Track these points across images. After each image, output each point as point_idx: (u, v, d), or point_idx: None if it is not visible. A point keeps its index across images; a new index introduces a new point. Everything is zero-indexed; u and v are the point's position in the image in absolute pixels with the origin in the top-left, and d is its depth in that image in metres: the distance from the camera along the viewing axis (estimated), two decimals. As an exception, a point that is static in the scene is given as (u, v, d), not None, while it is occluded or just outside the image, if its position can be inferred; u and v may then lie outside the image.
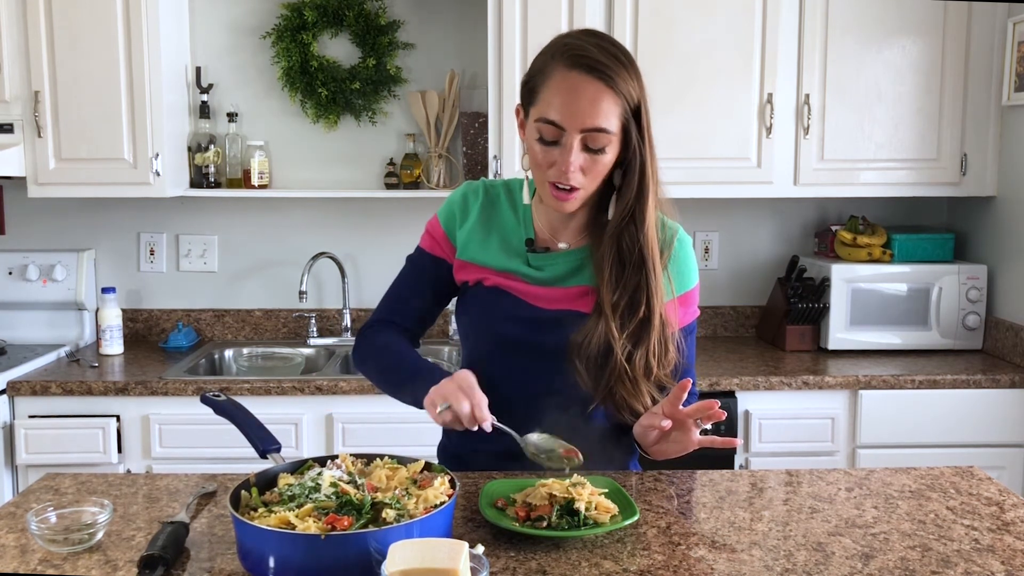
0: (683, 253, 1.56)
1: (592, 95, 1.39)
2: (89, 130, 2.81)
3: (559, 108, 1.39)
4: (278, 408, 2.65)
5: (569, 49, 1.41)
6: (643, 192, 1.47)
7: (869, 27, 2.85)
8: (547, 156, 1.42)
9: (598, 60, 1.39)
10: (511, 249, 1.55)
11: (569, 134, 1.39)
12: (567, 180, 1.41)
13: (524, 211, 1.57)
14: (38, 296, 3.08)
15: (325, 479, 1.21)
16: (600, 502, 1.31)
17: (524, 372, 1.53)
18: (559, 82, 1.40)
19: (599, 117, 1.39)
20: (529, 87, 1.46)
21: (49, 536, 1.25)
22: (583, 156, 1.41)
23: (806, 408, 2.70)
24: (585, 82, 1.38)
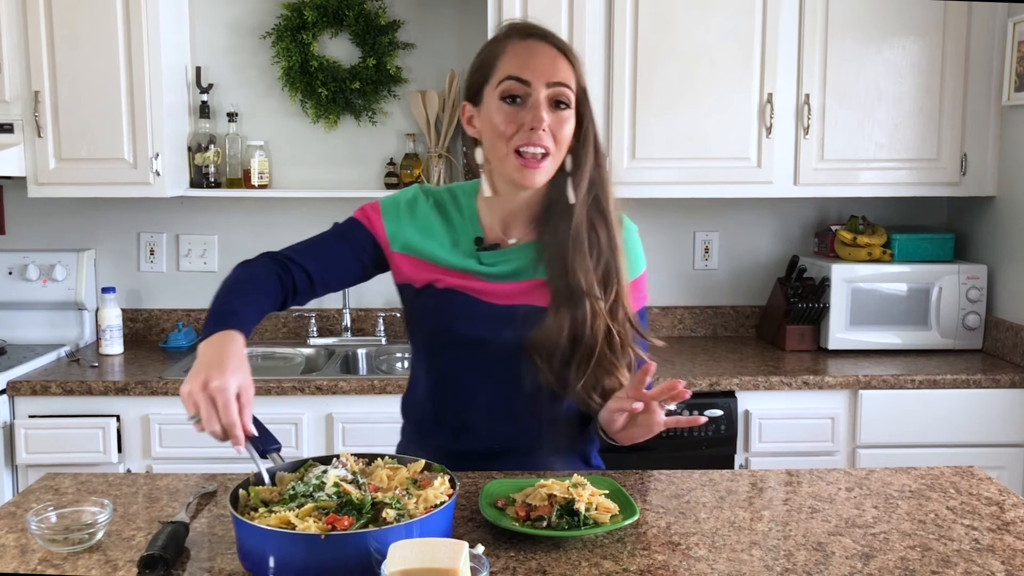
0: (630, 239, 1.57)
1: (551, 55, 1.44)
2: (89, 130, 2.81)
3: (521, 64, 1.42)
4: (278, 408, 2.65)
5: (515, 27, 1.47)
6: (600, 164, 1.51)
7: (869, 27, 2.85)
8: (514, 118, 1.41)
9: (550, 32, 1.47)
10: (461, 249, 1.54)
11: (536, 89, 1.41)
12: (538, 139, 1.41)
13: (470, 211, 1.56)
14: (38, 296, 3.08)
15: (330, 478, 1.21)
16: (600, 502, 1.31)
17: (484, 370, 1.52)
18: (516, 49, 1.44)
19: (561, 72, 1.44)
20: (481, 70, 1.46)
21: (49, 536, 1.25)
22: (550, 115, 1.42)
23: (806, 408, 2.70)
24: (543, 46, 1.45)
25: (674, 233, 3.28)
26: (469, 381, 1.54)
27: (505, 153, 1.43)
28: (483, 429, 1.55)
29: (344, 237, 1.58)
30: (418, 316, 1.57)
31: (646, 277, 1.61)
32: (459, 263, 1.53)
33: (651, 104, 2.84)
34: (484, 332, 1.51)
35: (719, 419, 2.66)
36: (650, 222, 3.27)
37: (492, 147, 1.45)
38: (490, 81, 1.44)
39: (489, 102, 1.45)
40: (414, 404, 1.65)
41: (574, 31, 2.81)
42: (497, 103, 1.43)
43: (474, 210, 1.56)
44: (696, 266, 3.29)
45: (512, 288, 1.52)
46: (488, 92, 1.45)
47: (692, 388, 2.63)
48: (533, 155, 1.42)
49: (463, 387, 1.54)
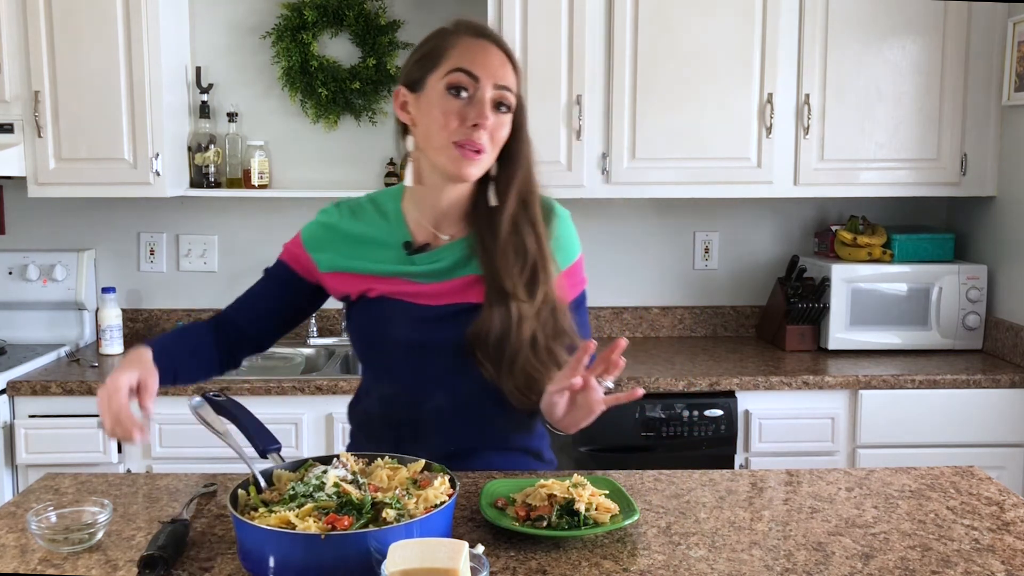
0: (563, 226, 1.56)
1: (500, 58, 1.45)
2: (89, 130, 2.81)
3: (473, 59, 1.42)
4: (278, 408, 2.65)
5: (468, 24, 1.48)
6: (530, 172, 1.50)
7: (869, 27, 2.85)
8: (457, 111, 1.41)
9: (500, 37, 1.49)
10: (389, 255, 1.53)
11: (483, 86, 1.42)
12: (478, 137, 1.41)
13: (396, 215, 1.55)
14: (38, 296, 3.08)
15: (330, 478, 1.21)
16: (600, 502, 1.31)
17: (428, 374, 1.51)
18: (469, 46, 1.44)
19: (509, 78, 1.45)
20: (426, 59, 1.45)
21: (49, 536, 1.25)
22: (492, 115, 1.42)
23: (806, 408, 2.70)
24: (492, 47, 1.46)
25: (674, 233, 3.28)
26: (414, 386, 1.53)
27: (443, 144, 1.42)
28: (433, 433, 1.53)
29: (273, 284, 1.62)
30: (355, 327, 1.57)
31: (583, 261, 1.60)
32: (389, 269, 1.52)
33: (651, 104, 2.84)
34: (421, 336, 1.50)
35: (719, 419, 2.66)
36: (650, 222, 3.27)
37: (428, 136, 1.44)
38: (437, 71, 1.43)
39: (432, 91, 1.43)
40: (363, 412, 1.64)
41: (574, 31, 2.81)
42: (442, 93, 1.42)
43: (400, 214, 1.55)
44: (696, 266, 3.29)
45: (447, 287, 1.50)
46: (433, 81, 1.44)
47: (692, 388, 2.65)
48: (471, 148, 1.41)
49: (409, 392, 1.53)
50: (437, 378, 1.51)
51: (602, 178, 2.87)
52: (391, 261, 1.52)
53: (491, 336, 1.45)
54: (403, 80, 1.49)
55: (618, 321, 3.29)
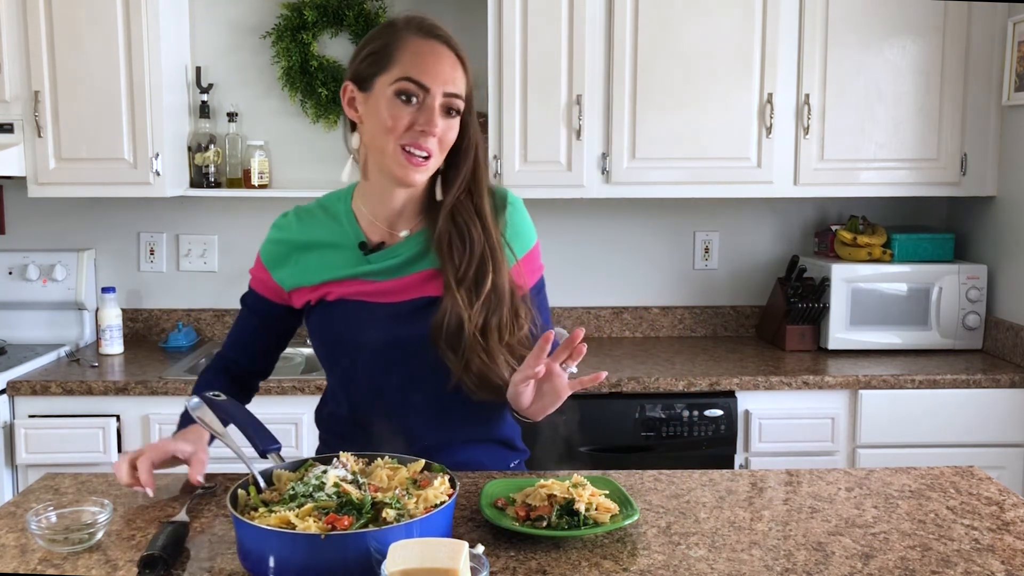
0: (516, 215, 1.56)
1: (451, 63, 1.43)
2: (89, 130, 2.81)
3: (424, 67, 1.40)
4: (278, 408, 2.65)
5: (419, 22, 1.44)
6: (478, 166, 1.50)
7: (869, 27, 2.85)
8: (405, 118, 1.40)
9: (451, 37, 1.45)
10: (344, 257, 1.52)
11: (433, 94, 1.40)
12: (425, 142, 1.40)
13: (348, 217, 1.54)
14: (38, 296, 3.08)
15: (330, 478, 1.21)
16: (601, 502, 1.31)
17: (396, 371, 1.51)
18: (419, 47, 1.41)
19: (458, 84, 1.43)
20: (376, 57, 1.43)
21: (49, 536, 1.25)
22: (442, 121, 1.42)
23: (806, 408, 2.70)
24: (444, 51, 1.43)
25: (674, 233, 3.28)
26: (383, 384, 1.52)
27: (391, 148, 1.41)
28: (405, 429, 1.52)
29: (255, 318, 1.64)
30: (315, 332, 1.57)
31: (539, 248, 1.60)
32: (345, 272, 1.51)
33: (651, 104, 2.84)
34: (385, 333, 1.49)
35: (719, 419, 2.66)
36: (650, 222, 3.27)
37: (375, 138, 1.43)
38: (386, 73, 1.41)
39: (381, 94, 1.42)
40: (331, 415, 1.64)
41: (574, 31, 2.81)
42: (390, 98, 1.40)
43: (351, 214, 1.55)
44: (696, 266, 3.29)
45: (405, 282, 1.50)
46: (381, 83, 1.42)
47: (692, 388, 2.65)
48: (418, 155, 1.41)
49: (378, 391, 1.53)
50: (407, 374, 1.51)
51: (602, 178, 2.87)
52: (346, 264, 1.51)
53: (448, 328, 1.45)
54: (351, 75, 1.47)
55: (618, 321, 3.29)
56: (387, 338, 1.49)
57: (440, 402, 1.52)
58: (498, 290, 1.47)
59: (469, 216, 1.48)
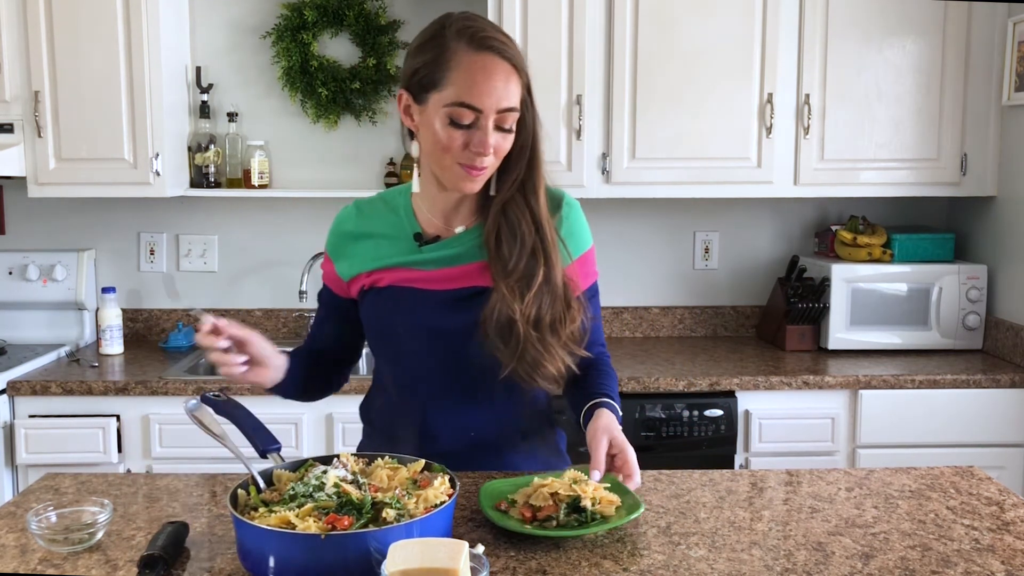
0: (573, 216, 1.57)
1: (504, 76, 1.40)
2: (89, 130, 2.81)
3: (476, 91, 1.38)
4: (278, 408, 2.62)
5: (469, 31, 1.41)
6: (534, 162, 1.50)
7: (869, 27, 2.85)
8: (460, 139, 1.40)
9: (501, 41, 1.42)
10: (398, 247, 1.54)
11: (485, 116, 1.39)
12: (480, 161, 1.41)
13: (407, 211, 1.56)
14: (38, 296, 3.08)
15: (330, 478, 1.21)
16: (603, 496, 1.32)
17: (443, 358, 1.52)
18: (470, 64, 1.39)
19: (511, 97, 1.41)
20: (428, 70, 1.41)
21: (49, 536, 1.25)
22: (495, 136, 1.41)
23: (806, 408, 2.70)
24: (496, 63, 1.40)
25: (674, 233, 3.28)
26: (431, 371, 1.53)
27: (447, 163, 1.43)
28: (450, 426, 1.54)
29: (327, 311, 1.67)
30: (365, 318, 1.58)
31: (594, 253, 1.61)
32: (397, 260, 1.53)
33: (651, 104, 2.84)
34: (431, 320, 1.50)
35: (719, 419, 2.66)
36: (650, 222, 3.27)
37: (432, 153, 1.44)
38: (438, 91, 1.40)
39: (434, 113, 1.41)
40: (378, 410, 1.65)
41: (574, 31, 2.81)
42: (443, 121, 1.40)
43: (410, 208, 1.56)
44: (696, 266, 3.29)
45: (457, 272, 1.51)
46: (434, 101, 1.40)
47: (692, 388, 2.65)
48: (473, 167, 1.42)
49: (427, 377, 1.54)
50: (452, 362, 1.52)
51: (602, 178, 2.87)
52: (399, 252, 1.53)
53: (497, 319, 1.46)
54: (405, 84, 1.47)
55: (618, 321, 3.29)
56: (436, 324, 1.51)
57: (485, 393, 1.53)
58: (551, 284, 1.47)
59: (520, 212, 1.49)
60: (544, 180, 1.52)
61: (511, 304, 1.45)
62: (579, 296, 1.52)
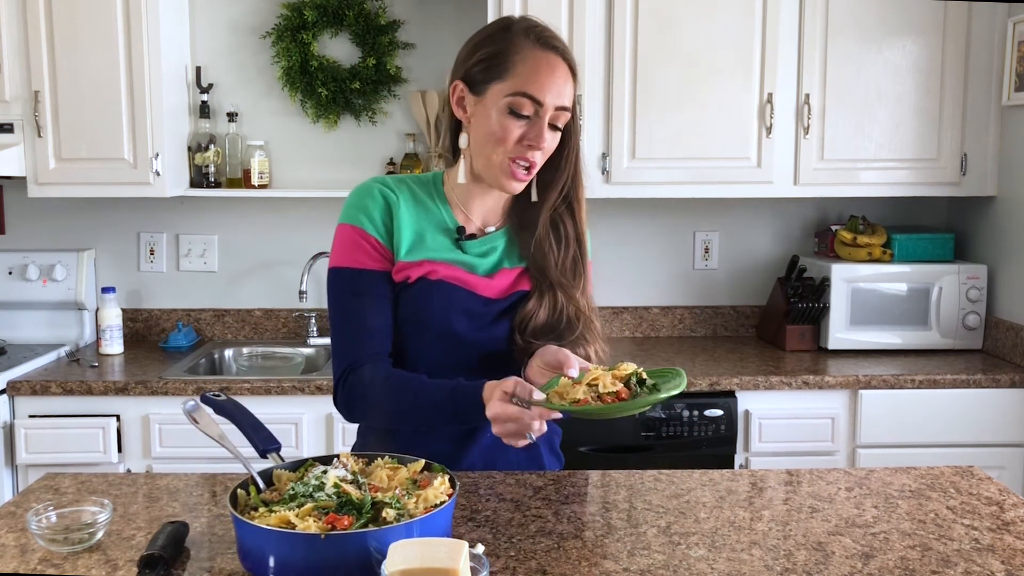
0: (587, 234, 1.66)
1: (564, 76, 1.46)
2: (89, 130, 2.81)
3: (539, 83, 1.43)
4: (278, 408, 2.65)
5: (537, 30, 1.47)
6: (578, 176, 1.55)
7: (869, 27, 2.85)
8: (516, 131, 1.44)
9: (565, 45, 1.49)
10: (445, 240, 1.55)
11: (545, 109, 1.44)
12: (532, 156, 1.45)
13: (441, 200, 1.57)
14: (38, 296, 3.08)
15: (330, 478, 1.21)
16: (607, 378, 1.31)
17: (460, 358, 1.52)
18: (536, 59, 1.44)
19: (568, 97, 1.47)
20: (491, 62, 1.45)
21: (49, 536, 1.25)
22: (549, 134, 1.46)
23: (806, 408, 2.70)
24: (558, 62, 1.46)
25: (674, 233, 3.28)
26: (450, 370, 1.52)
27: (499, 159, 1.46)
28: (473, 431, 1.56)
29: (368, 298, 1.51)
30: (409, 304, 1.52)
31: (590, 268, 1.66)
32: (448, 255, 1.54)
33: (651, 104, 2.84)
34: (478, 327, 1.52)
35: (719, 419, 2.66)
36: (650, 222, 3.27)
37: (483, 145, 1.47)
38: (501, 82, 1.44)
39: (493, 103, 1.45)
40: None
41: (574, 31, 2.81)
42: (503, 110, 1.44)
43: (445, 200, 1.58)
44: (696, 266, 3.30)
45: (501, 280, 1.54)
46: (495, 92, 1.44)
47: (692, 388, 2.65)
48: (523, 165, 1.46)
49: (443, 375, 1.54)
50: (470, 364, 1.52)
51: (602, 178, 2.87)
52: (444, 248, 1.54)
53: (536, 323, 1.51)
54: (462, 75, 1.49)
55: (618, 321, 3.29)
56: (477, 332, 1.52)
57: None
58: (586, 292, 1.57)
59: (567, 222, 1.56)
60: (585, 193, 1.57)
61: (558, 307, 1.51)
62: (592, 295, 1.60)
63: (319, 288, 3.20)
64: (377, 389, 1.47)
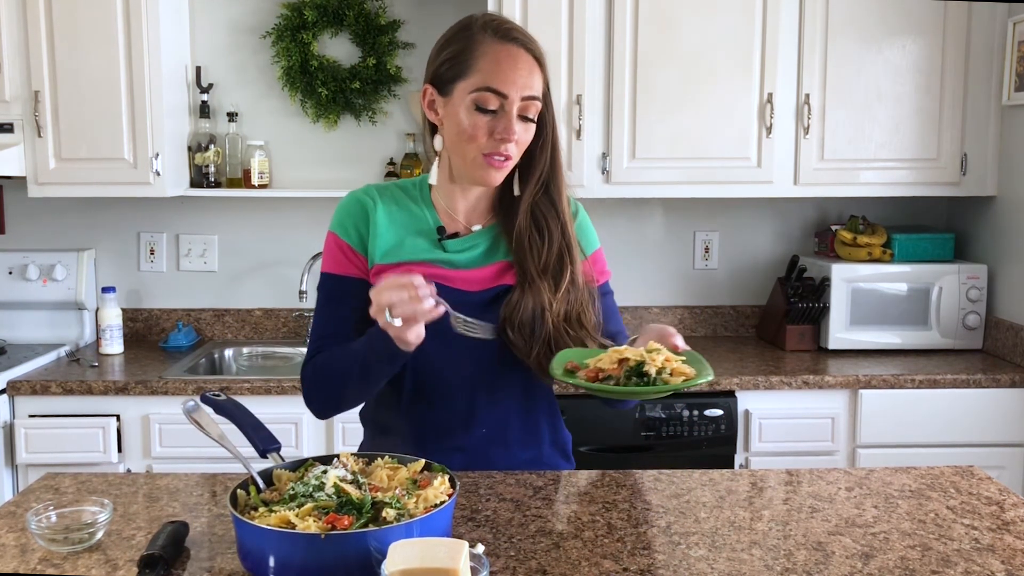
0: (584, 220, 1.66)
1: (528, 65, 1.46)
2: (89, 130, 2.81)
3: (501, 76, 1.43)
4: (278, 408, 2.65)
5: (495, 24, 1.47)
6: (555, 161, 1.55)
7: (869, 27, 2.85)
8: (484, 126, 1.44)
9: (526, 35, 1.48)
10: (425, 242, 1.55)
11: (510, 101, 1.44)
12: (505, 149, 1.45)
13: (427, 203, 1.58)
14: (38, 296, 3.08)
15: (330, 478, 1.21)
16: (676, 367, 1.34)
17: (459, 357, 1.53)
18: (496, 52, 1.44)
19: (535, 87, 1.47)
20: (454, 62, 1.46)
21: (49, 535, 1.25)
22: (519, 125, 1.46)
23: (806, 408, 2.70)
24: (520, 53, 1.46)
25: (674, 233, 3.28)
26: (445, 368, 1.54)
27: (472, 155, 1.46)
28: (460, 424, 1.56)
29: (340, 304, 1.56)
30: None
31: (603, 253, 1.69)
32: (427, 256, 1.53)
33: (651, 104, 2.84)
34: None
35: (719, 419, 2.66)
36: (650, 222, 3.27)
37: (456, 144, 1.48)
38: (464, 79, 1.44)
39: (459, 101, 1.45)
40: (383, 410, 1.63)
41: (574, 31, 2.81)
42: (469, 107, 1.44)
43: (430, 202, 1.58)
44: (696, 266, 3.30)
45: (481, 274, 1.54)
46: (460, 90, 1.45)
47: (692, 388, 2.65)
48: (498, 158, 1.46)
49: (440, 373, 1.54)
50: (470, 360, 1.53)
51: (602, 178, 2.87)
52: (425, 249, 1.54)
53: (523, 317, 1.50)
54: (430, 78, 1.50)
55: (618, 321, 3.28)
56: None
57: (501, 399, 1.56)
58: (575, 282, 1.54)
59: (547, 212, 1.54)
60: (565, 180, 1.57)
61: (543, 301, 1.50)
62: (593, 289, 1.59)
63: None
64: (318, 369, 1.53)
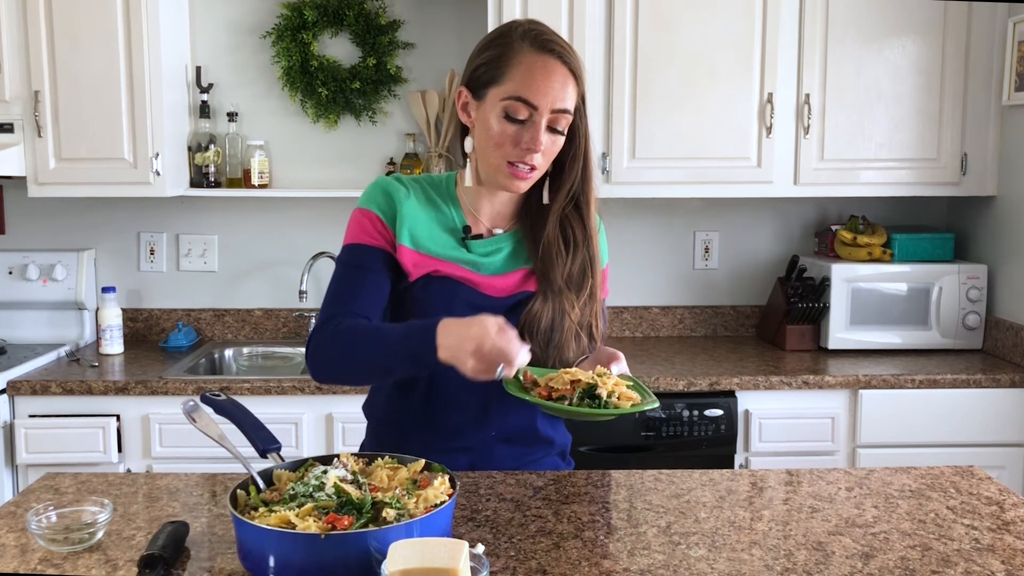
0: (602, 237, 1.68)
1: (562, 78, 1.46)
2: (89, 130, 2.81)
3: (533, 87, 1.43)
4: (278, 408, 2.65)
5: (533, 34, 1.47)
6: (587, 177, 1.56)
7: (869, 27, 2.85)
8: (512, 135, 1.45)
9: (563, 47, 1.47)
10: (451, 239, 1.55)
11: (540, 113, 1.44)
12: (530, 158, 1.46)
13: (454, 202, 1.58)
14: (38, 296, 3.08)
15: (330, 478, 1.21)
16: (623, 392, 1.37)
17: None
18: (531, 63, 1.44)
19: (567, 99, 1.46)
20: (489, 67, 1.46)
21: (49, 536, 1.25)
22: (547, 137, 1.46)
23: (806, 408, 2.70)
24: (555, 65, 1.45)
25: (674, 233, 3.28)
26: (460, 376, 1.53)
27: (497, 162, 1.47)
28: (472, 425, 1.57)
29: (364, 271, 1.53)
30: (414, 307, 1.54)
31: (608, 271, 1.72)
32: (453, 254, 1.54)
33: (651, 104, 2.84)
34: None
35: (719, 419, 2.66)
36: (650, 222, 3.27)
37: (484, 149, 1.49)
38: (498, 85, 1.45)
39: (491, 107, 1.46)
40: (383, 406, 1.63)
41: (574, 31, 2.81)
42: (499, 114, 1.45)
43: (456, 201, 1.59)
44: (696, 266, 3.30)
45: (506, 281, 1.55)
46: (492, 96, 1.46)
47: (692, 388, 2.65)
48: (522, 167, 1.47)
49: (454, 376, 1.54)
50: None
51: (602, 178, 2.87)
52: (451, 246, 1.55)
53: (542, 326, 1.52)
54: (466, 81, 1.51)
55: (618, 321, 3.29)
56: None
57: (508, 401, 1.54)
58: (594, 294, 1.58)
59: (576, 224, 1.56)
60: (596, 194, 1.58)
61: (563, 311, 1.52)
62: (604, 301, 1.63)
63: (319, 288, 3.20)
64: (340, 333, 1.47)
